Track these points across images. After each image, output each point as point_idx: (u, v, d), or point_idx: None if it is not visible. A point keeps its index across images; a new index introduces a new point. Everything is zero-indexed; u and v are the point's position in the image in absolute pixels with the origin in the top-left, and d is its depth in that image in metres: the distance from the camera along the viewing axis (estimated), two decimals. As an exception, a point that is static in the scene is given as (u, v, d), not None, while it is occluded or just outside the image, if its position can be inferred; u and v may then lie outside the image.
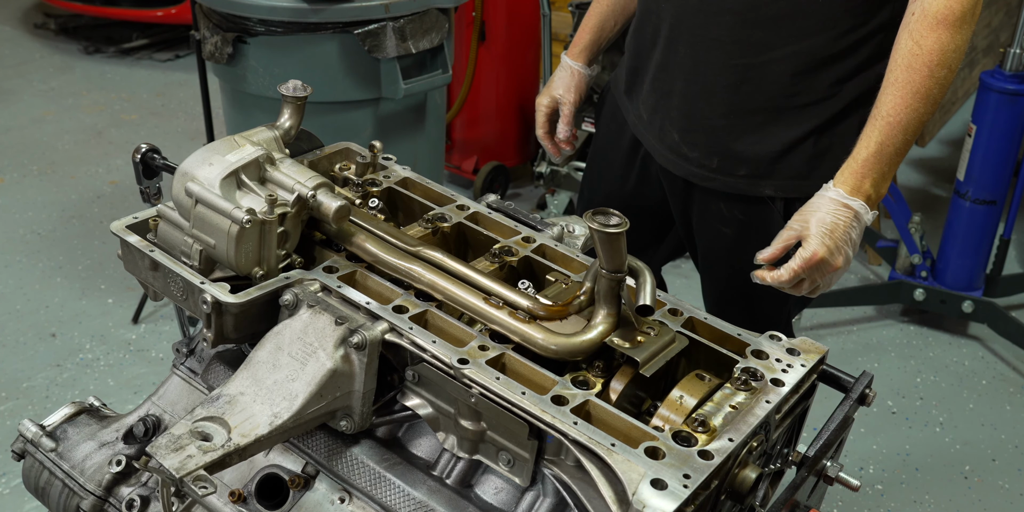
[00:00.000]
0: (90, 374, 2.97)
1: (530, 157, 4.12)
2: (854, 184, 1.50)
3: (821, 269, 1.49)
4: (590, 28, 1.99)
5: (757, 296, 1.79)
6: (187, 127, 4.62)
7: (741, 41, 1.65)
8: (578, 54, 1.99)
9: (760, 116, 1.69)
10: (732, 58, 1.66)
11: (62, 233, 3.71)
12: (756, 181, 1.72)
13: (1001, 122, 2.96)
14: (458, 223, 1.48)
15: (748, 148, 1.71)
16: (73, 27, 5.57)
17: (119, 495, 1.44)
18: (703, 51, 1.69)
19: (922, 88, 1.47)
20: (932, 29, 1.47)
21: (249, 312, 1.27)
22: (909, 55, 1.48)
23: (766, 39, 1.63)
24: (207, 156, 1.29)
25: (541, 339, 1.20)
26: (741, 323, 1.40)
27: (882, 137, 1.50)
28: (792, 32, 1.62)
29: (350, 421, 1.26)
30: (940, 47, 1.46)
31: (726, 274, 1.88)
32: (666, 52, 1.75)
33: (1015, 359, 3.20)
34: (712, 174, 1.75)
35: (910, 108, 1.48)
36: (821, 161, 1.69)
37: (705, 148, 1.74)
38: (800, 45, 1.62)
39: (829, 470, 1.34)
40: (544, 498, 1.20)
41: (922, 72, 1.47)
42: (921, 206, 4.05)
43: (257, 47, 2.62)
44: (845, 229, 1.48)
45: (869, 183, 1.50)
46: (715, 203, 1.79)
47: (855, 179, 1.50)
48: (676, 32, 1.72)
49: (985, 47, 5.06)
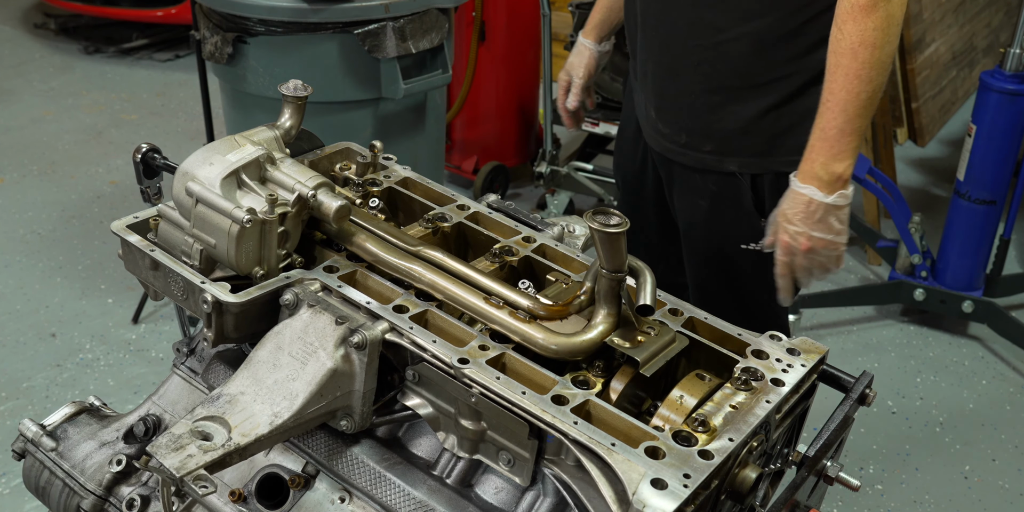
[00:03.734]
0: (90, 374, 2.97)
1: (530, 157, 4.12)
2: (804, 170, 1.59)
3: (792, 253, 1.61)
4: (600, 7, 2.11)
5: (737, 276, 1.90)
6: (187, 127, 4.62)
7: (695, 23, 1.73)
8: (589, 32, 2.12)
9: (719, 95, 1.77)
10: (690, 39, 1.75)
11: (62, 233, 3.71)
12: (721, 157, 1.81)
13: (1001, 122, 2.96)
14: (458, 223, 1.48)
15: (711, 125, 1.79)
16: (73, 27, 5.57)
17: (119, 495, 1.44)
18: (666, 33, 1.79)
19: (850, 69, 1.54)
20: (849, 14, 1.54)
21: (249, 312, 1.27)
22: (834, 40, 1.57)
23: (717, 21, 1.71)
24: (208, 156, 1.29)
25: (541, 339, 1.20)
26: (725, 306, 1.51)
27: (823, 121, 1.57)
28: (740, 13, 1.69)
29: (350, 421, 1.26)
30: (858, 29, 1.53)
31: (703, 248, 1.94)
32: (643, 34, 1.86)
33: (1015, 359, 3.20)
34: (683, 149, 1.84)
35: (844, 89, 1.54)
36: (784, 139, 1.76)
37: (675, 125, 1.84)
38: (750, 26, 1.69)
39: (829, 470, 1.34)
40: (544, 498, 1.20)
41: (847, 55, 1.54)
42: (921, 206, 4.05)
43: (257, 47, 2.62)
44: (804, 215, 1.58)
45: (818, 166, 1.57)
46: (691, 176, 1.87)
47: (805, 165, 1.59)
48: (646, 15, 1.83)
49: (985, 47, 5.06)
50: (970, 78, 4.98)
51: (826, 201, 1.57)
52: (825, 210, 1.58)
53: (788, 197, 1.61)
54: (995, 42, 5.13)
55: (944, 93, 4.76)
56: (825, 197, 1.57)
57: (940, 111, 4.74)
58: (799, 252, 1.60)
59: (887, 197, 3.24)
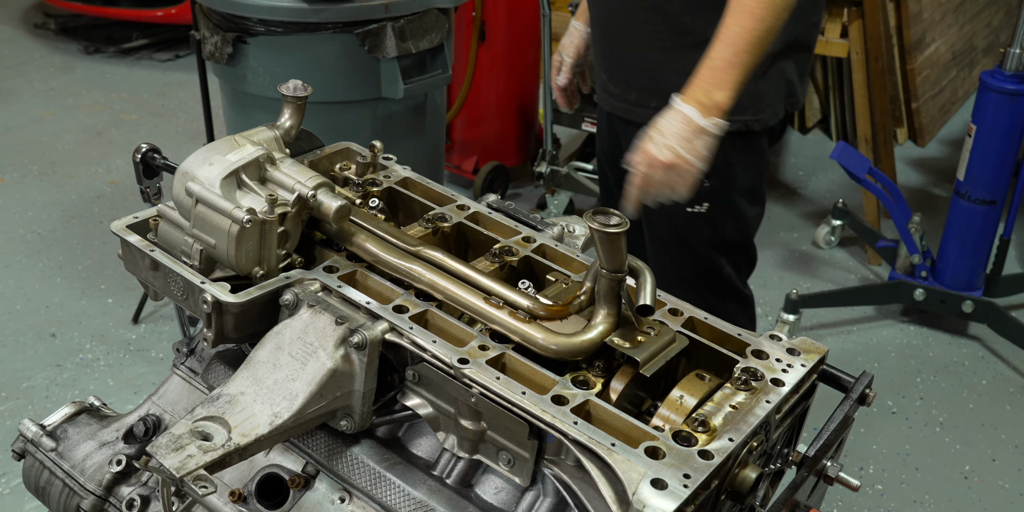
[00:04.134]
0: (90, 374, 2.97)
1: (530, 157, 4.12)
2: (688, 94, 1.68)
3: (653, 164, 1.67)
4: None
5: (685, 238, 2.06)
6: (187, 127, 4.62)
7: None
8: (579, 15, 2.22)
9: (663, 53, 1.91)
10: (631, 2, 1.91)
11: (62, 233, 3.71)
12: None
13: (1001, 122, 2.96)
14: (458, 223, 1.48)
15: (657, 82, 1.92)
16: (73, 27, 5.57)
17: (119, 495, 1.44)
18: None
19: (746, 7, 1.64)
20: None
21: (249, 312, 1.27)
22: None
23: None
24: (207, 156, 1.29)
25: (541, 339, 1.20)
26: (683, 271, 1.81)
27: (713, 52, 1.67)
28: None
29: (350, 421, 1.26)
30: None
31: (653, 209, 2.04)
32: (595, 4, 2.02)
33: (1015, 359, 3.20)
34: (632, 107, 1.99)
35: (738, 25, 1.65)
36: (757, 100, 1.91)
37: (625, 84, 1.99)
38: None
39: (829, 470, 1.34)
40: (544, 498, 1.20)
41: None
42: (921, 206, 4.05)
43: (257, 47, 2.62)
44: (674, 130, 1.66)
45: (701, 92, 1.67)
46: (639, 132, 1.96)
47: (690, 90, 1.68)
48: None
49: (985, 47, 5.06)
50: (970, 78, 4.98)
51: (701, 123, 1.66)
52: (697, 131, 1.66)
53: (667, 114, 1.69)
54: (995, 42, 5.13)
55: (944, 93, 4.76)
56: (701, 120, 1.66)
57: (940, 111, 4.74)
58: (659, 165, 1.66)
59: (887, 197, 3.24)
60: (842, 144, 3.29)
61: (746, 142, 1.97)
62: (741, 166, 2.00)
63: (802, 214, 4.04)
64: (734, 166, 1.99)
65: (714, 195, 1.99)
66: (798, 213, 4.05)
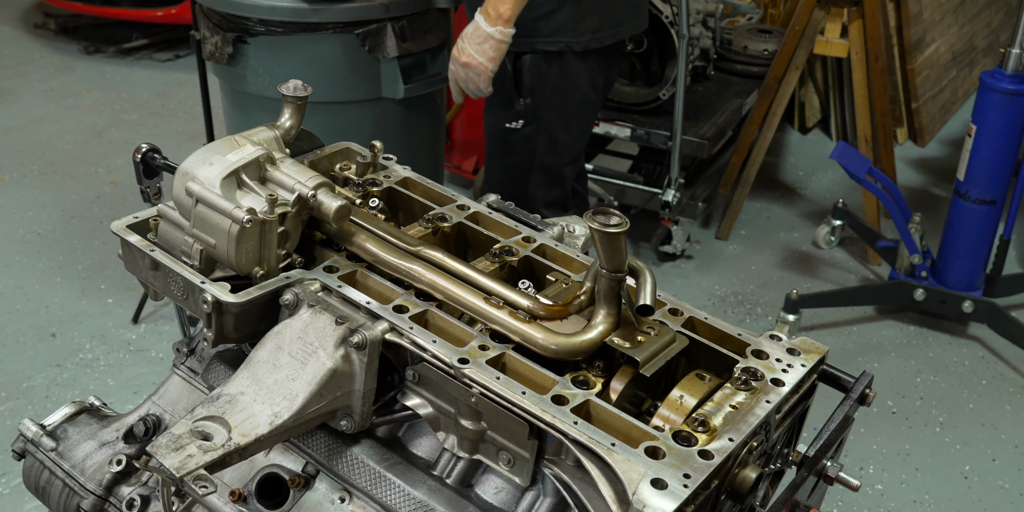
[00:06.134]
0: (90, 374, 2.97)
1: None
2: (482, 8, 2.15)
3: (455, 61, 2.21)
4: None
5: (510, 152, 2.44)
6: (187, 127, 4.62)
7: None
8: None
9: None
10: None
11: (62, 233, 3.71)
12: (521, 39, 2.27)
13: (1001, 122, 2.96)
14: (458, 223, 1.48)
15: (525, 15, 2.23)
16: (73, 27, 5.57)
17: (119, 494, 1.44)
18: None
19: None
20: None
21: (249, 312, 1.27)
22: None
23: None
24: (208, 156, 1.29)
25: (541, 339, 1.20)
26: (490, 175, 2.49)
27: None
28: None
29: (350, 421, 1.26)
30: None
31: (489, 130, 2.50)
32: None
33: (1015, 359, 3.20)
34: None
35: None
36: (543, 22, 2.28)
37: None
38: None
39: (829, 470, 1.34)
40: (544, 498, 1.20)
41: None
42: (921, 206, 4.05)
43: (257, 47, 2.62)
44: (470, 36, 2.17)
45: (490, 6, 2.13)
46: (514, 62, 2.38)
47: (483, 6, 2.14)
48: None
49: (985, 47, 5.06)
50: (970, 78, 4.98)
51: (487, 30, 2.13)
52: (485, 37, 2.14)
53: (469, 25, 2.16)
54: (995, 42, 5.13)
55: (944, 93, 4.76)
56: (488, 28, 2.13)
57: (940, 111, 4.75)
58: (459, 63, 2.18)
59: (887, 197, 3.24)
60: (842, 144, 3.29)
61: (562, 64, 2.33)
62: (553, 89, 2.36)
63: (802, 214, 4.05)
64: (547, 88, 2.35)
65: (528, 113, 2.38)
66: (798, 213, 4.05)
